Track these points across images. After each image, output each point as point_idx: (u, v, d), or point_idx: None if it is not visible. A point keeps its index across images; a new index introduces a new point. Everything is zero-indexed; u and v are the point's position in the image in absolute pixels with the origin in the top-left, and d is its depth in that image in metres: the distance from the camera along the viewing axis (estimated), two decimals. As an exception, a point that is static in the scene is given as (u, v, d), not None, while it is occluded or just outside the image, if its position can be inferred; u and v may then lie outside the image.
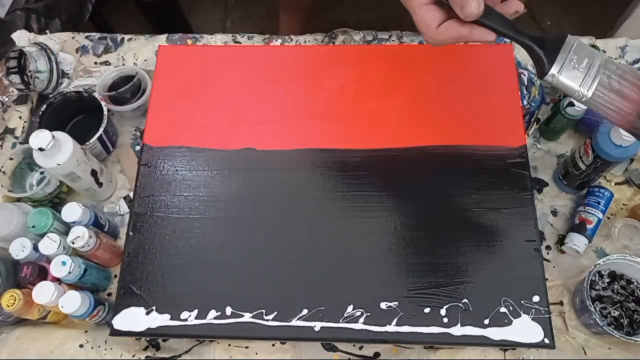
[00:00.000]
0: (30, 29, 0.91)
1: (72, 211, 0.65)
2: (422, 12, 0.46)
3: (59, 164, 0.64)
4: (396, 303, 0.60)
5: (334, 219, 0.65)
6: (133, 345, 0.67)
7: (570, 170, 0.70)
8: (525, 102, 0.73)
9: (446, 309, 0.60)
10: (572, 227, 0.70)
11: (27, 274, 0.64)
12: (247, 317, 0.60)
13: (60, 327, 0.68)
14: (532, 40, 0.45)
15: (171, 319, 0.60)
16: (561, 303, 0.68)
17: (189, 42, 0.87)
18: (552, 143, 0.78)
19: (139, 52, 0.87)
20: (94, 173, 0.70)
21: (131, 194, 0.73)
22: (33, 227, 0.65)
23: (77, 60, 0.87)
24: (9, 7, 0.99)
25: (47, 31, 0.91)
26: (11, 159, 0.74)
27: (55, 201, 0.74)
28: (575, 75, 0.44)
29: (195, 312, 0.61)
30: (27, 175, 0.77)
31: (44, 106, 0.77)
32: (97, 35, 0.89)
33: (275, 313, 0.60)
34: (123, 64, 0.86)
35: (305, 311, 0.60)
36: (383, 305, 0.60)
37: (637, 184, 0.74)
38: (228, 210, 0.66)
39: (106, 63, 0.87)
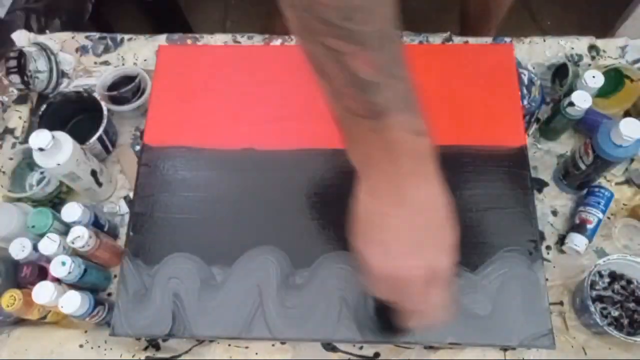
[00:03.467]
0: (30, 29, 0.91)
1: (72, 211, 0.65)
2: None
3: (58, 164, 0.64)
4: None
5: (334, 219, 0.65)
6: (133, 345, 0.66)
7: (570, 170, 0.70)
8: (525, 102, 0.73)
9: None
10: (572, 227, 0.70)
11: (27, 274, 0.64)
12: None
13: (60, 327, 0.68)
14: None
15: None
16: (561, 303, 0.67)
17: (189, 42, 0.87)
18: (552, 143, 0.78)
19: (139, 52, 0.87)
20: (93, 173, 0.70)
21: (131, 194, 0.73)
22: (33, 227, 0.65)
23: (77, 60, 0.87)
24: (9, 7, 0.99)
25: (47, 31, 0.91)
26: (11, 159, 0.74)
27: (55, 201, 0.74)
28: None
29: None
30: (27, 175, 0.77)
31: (44, 106, 0.77)
32: (97, 35, 0.89)
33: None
34: (123, 64, 0.86)
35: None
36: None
37: (637, 184, 0.74)
38: (228, 210, 0.66)
39: (106, 63, 0.87)
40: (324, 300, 0.60)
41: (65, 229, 0.67)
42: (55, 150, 0.63)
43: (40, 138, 0.62)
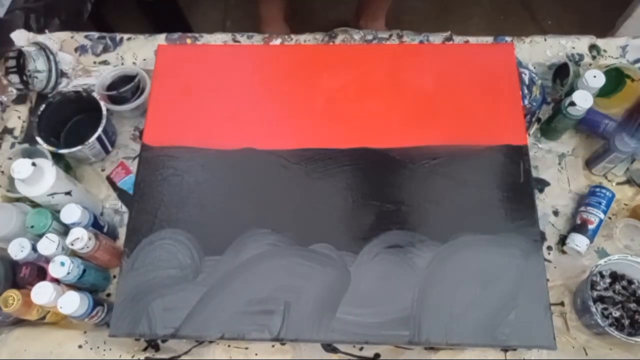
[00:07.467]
0: (29, 29, 0.91)
1: (71, 212, 0.65)
2: None
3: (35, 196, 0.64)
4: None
5: (334, 218, 0.65)
6: (132, 345, 0.66)
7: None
8: (526, 102, 0.73)
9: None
10: (574, 227, 0.70)
11: (26, 274, 0.64)
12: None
13: (59, 327, 0.68)
14: None
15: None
16: (562, 304, 0.67)
17: (189, 41, 0.87)
18: (553, 143, 0.78)
19: (139, 52, 0.87)
20: (69, 194, 0.69)
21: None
22: (32, 227, 0.65)
23: (76, 60, 0.87)
24: (8, 6, 0.99)
25: (46, 30, 0.91)
26: (10, 158, 0.74)
27: (55, 201, 0.74)
28: None
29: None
30: (26, 175, 0.77)
31: (43, 106, 0.76)
32: (96, 34, 0.89)
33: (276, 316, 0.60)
34: (122, 64, 0.86)
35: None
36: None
37: (639, 184, 0.74)
38: (228, 210, 0.66)
39: (105, 62, 0.87)
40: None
41: (64, 229, 0.66)
42: (36, 180, 0.64)
43: (21, 169, 0.62)
